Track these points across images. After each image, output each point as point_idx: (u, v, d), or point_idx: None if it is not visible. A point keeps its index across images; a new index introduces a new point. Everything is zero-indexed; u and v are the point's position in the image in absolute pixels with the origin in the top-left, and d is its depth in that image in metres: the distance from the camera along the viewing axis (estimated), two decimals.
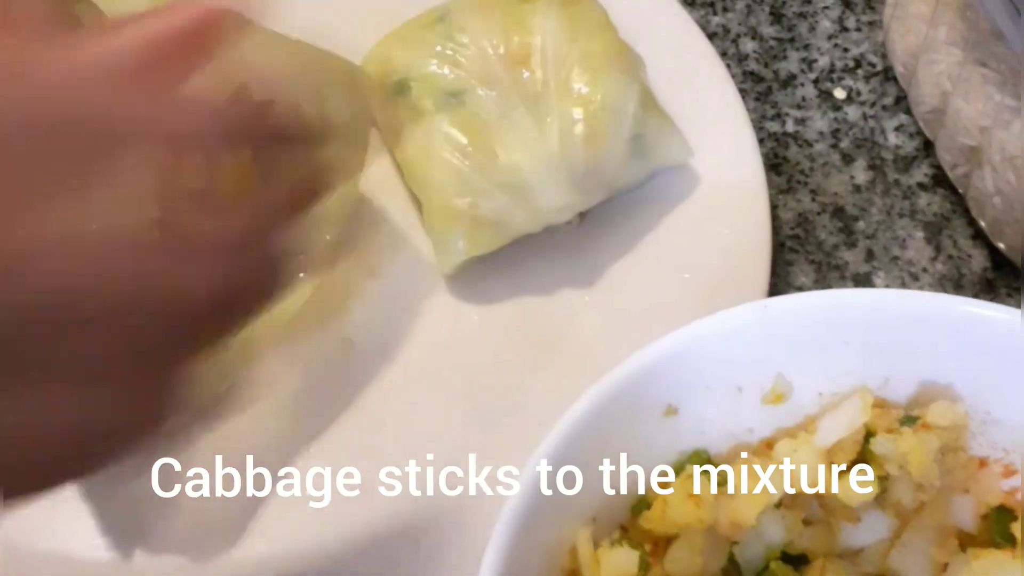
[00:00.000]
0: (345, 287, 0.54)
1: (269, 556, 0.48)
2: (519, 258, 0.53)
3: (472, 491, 0.49)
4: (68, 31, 0.33)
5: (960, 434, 0.41)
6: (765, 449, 0.42)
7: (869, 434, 0.41)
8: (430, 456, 0.50)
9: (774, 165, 0.59)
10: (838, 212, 0.58)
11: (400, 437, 0.50)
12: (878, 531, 0.41)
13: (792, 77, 0.62)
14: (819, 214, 0.58)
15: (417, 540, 0.48)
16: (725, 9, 0.64)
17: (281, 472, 0.50)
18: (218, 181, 0.35)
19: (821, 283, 0.56)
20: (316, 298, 0.53)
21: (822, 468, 0.40)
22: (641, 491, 0.42)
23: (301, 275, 0.46)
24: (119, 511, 0.49)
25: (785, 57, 0.62)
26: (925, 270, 0.56)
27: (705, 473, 0.41)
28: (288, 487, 0.49)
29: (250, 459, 0.50)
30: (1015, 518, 0.40)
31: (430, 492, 0.49)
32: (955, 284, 0.56)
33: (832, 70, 0.62)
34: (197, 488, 0.49)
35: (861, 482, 0.40)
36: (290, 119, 0.36)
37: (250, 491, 0.49)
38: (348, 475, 0.50)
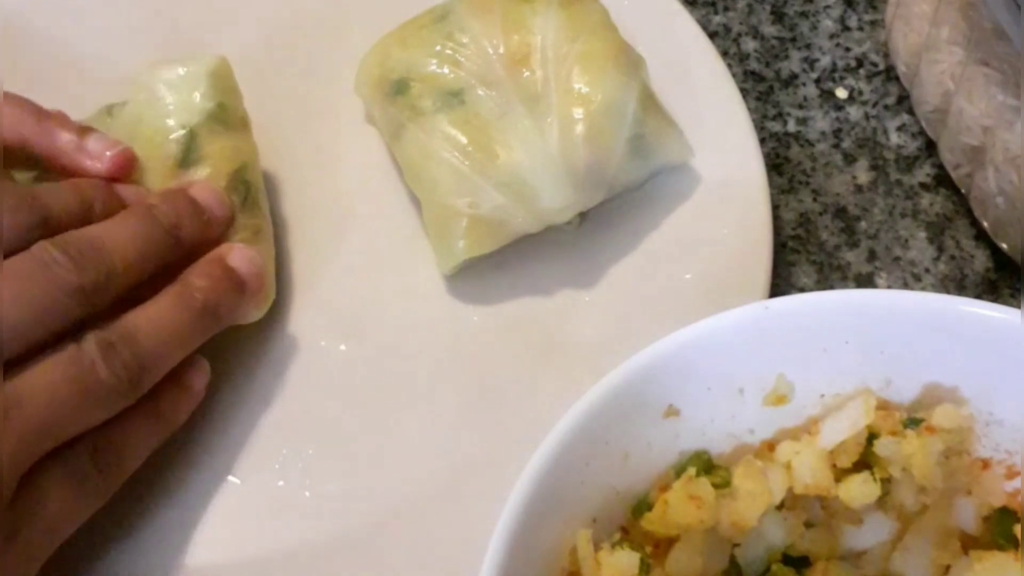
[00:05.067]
0: (342, 288, 0.54)
1: (264, 553, 0.48)
2: (519, 258, 0.53)
3: (472, 491, 0.49)
4: None
5: (964, 437, 0.41)
6: (767, 450, 0.42)
7: (872, 436, 0.41)
8: (429, 456, 0.50)
9: (775, 165, 0.59)
10: (840, 212, 0.58)
11: (399, 437, 0.50)
12: (880, 533, 0.41)
13: (794, 76, 0.61)
14: (821, 214, 0.58)
15: (417, 540, 0.48)
16: (726, 8, 0.64)
17: (280, 472, 0.50)
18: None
19: (823, 284, 0.56)
20: (314, 299, 0.53)
21: (824, 470, 0.40)
22: (642, 492, 0.42)
23: None
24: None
25: (787, 56, 0.62)
26: (927, 270, 0.56)
27: (706, 474, 0.41)
28: (286, 487, 0.49)
29: (249, 460, 0.50)
30: (1017, 520, 0.40)
31: (430, 492, 0.49)
32: (957, 284, 0.56)
33: (834, 69, 0.62)
34: (195, 489, 0.49)
35: (863, 484, 0.40)
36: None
37: (246, 488, 0.49)
38: (347, 475, 0.49)
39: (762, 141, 0.57)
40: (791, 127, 0.60)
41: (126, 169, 0.49)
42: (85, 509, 0.44)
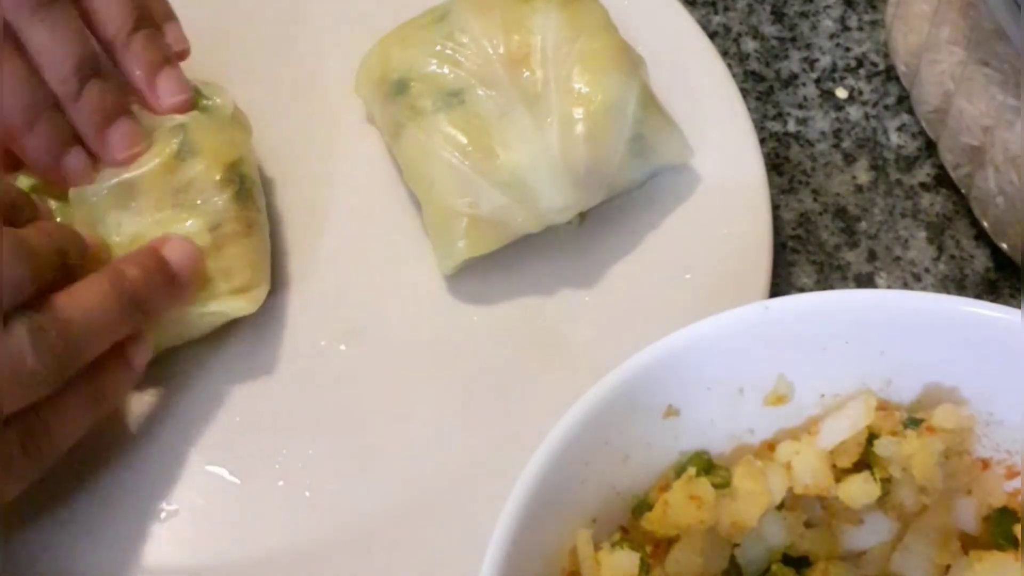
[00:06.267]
0: (342, 288, 0.54)
1: (264, 553, 0.48)
2: (519, 258, 0.53)
3: (472, 491, 0.49)
4: None
5: (965, 437, 0.41)
6: (767, 450, 0.42)
7: (872, 436, 0.40)
8: (429, 456, 0.50)
9: (775, 165, 0.59)
10: (840, 212, 0.58)
11: (400, 437, 0.50)
12: (880, 533, 0.41)
13: (794, 76, 0.61)
14: (821, 214, 0.58)
15: (417, 540, 0.48)
16: (726, 8, 0.63)
17: (280, 472, 0.50)
18: None
19: (823, 284, 0.56)
20: (314, 298, 0.53)
21: (824, 470, 0.40)
22: (642, 492, 0.42)
23: None
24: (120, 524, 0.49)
25: (787, 56, 0.62)
26: (927, 270, 0.56)
27: (706, 474, 0.41)
28: (285, 486, 0.49)
29: (249, 460, 0.50)
30: (1017, 520, 0.40)
31: (430, 492, 0.49)
32: (957, 284, 0.56)
33: (834, 69, 0.62)
34: (195, 489, 0.49)
35: (863, 484, 0.40)
36: None
37: (246, 489, 0.49)
38: (347, 475, 0.49)
39: (762, 141, 0.57)
40: (791, 127, 0.60)
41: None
42: (7, 492, 0.43)
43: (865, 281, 0.56)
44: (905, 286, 0.56)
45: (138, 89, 0.51)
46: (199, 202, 0.50)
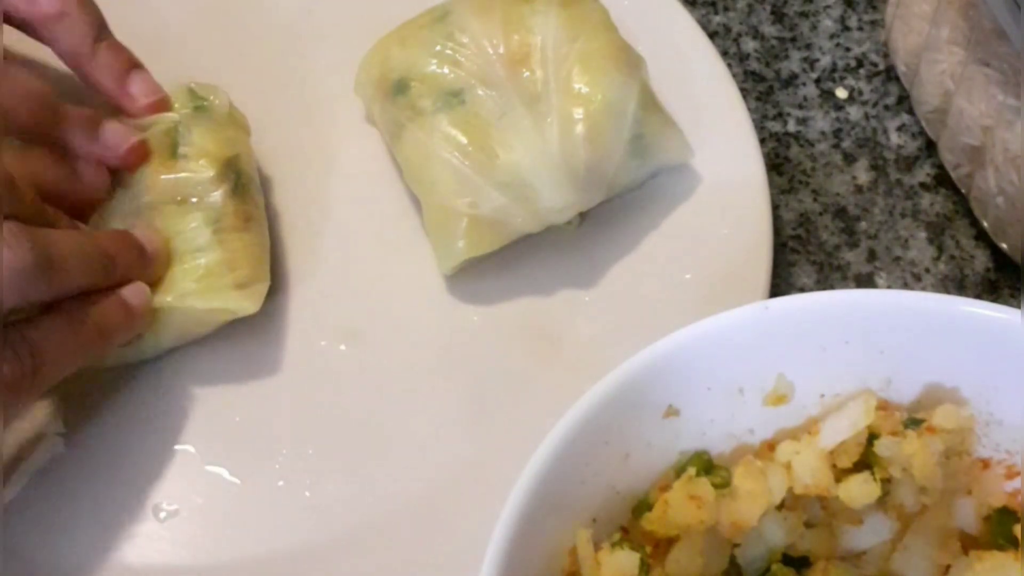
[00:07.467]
0: (342, 288, 0.54)
1: (264, 553, 0.48)
2: (519, 258, 0.53)
3: (472, 491, 0.49)
4: None
5: (965, 437, 0.41)
6: (767, 450, 0.42)
7: (872, 436, 0.40)
8: (430, 456, 0.50)
9: (775, 165, 0.59)
10: (840, 212, 0.58)
11: (400, 437, 0.50)
12: (880, 533, 0.41)
13: (794, 76, 0.61)
14: (821, 214, 0.58)
15: (417, 540, 0.48)
16: (726, 8, 0.63)
17: (280, 472, 0.50)
18: None
19: (823, 284, 0.56)
20: (314, 299, 0.53)
21: (824, 470, 0.40)
22: (642, 492, 0.42)
23: None
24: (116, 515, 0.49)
25: (787, 56, 0.62)
26: (927, 270, 0.56)
27: (706, 474, 0.41)
28: (285, 485, 0.49)
29: (249, 460, 0.50)
30: (1017, 520, 0.40)
31: (430, 492, 0.49)
32: (957, 285, 0.56)
33: (834, 69, 0.62)
34: (195, 489, 0.49)
35: (863, 484, 0.40)
36: None
37: (246, 488, 0.49)
38: (347, 475, 0.49)
39: (762, 141, 0.57)
40: (791, 127, 0.60)
41: (138, 162, 0.50)
42: None
43: (865, 281, 0.56)
44: (905, 286, 0.56)
45: (110, 97, 0.51)
46: (194, 199, 0.50)
